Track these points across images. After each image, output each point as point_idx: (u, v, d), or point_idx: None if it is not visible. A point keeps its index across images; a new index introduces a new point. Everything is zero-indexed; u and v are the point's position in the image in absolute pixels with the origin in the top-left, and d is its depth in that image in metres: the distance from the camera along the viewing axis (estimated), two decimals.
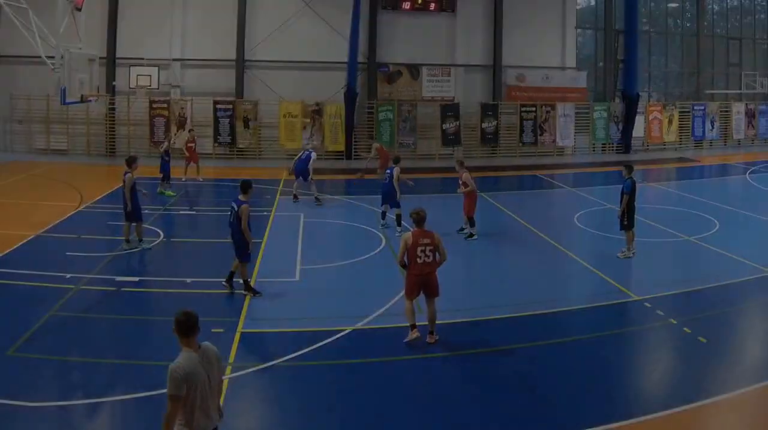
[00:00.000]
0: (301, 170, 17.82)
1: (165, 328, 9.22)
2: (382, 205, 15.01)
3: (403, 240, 8.64)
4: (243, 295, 10.48)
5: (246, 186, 10.54)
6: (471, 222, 14.43)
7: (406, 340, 8.69)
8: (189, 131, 22.55)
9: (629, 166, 12.82)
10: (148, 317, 9.93)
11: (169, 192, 18.85)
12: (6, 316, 9.51)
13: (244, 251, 10.42)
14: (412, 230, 8.89)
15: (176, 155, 20.45)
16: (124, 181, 13.16)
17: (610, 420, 6.79)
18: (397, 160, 15.22)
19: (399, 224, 14.54)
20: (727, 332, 9.26)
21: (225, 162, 25.55)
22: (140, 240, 13.28)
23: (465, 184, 14.16)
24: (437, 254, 8.60)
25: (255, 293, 10.50)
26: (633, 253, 12.71)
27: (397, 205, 14.58)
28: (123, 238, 13.26)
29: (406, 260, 8.69)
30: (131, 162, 13.38)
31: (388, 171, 14.83)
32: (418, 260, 8.50)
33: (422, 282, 8.59)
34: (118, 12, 26.43)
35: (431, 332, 8.76)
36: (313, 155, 17.91)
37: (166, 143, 19.73)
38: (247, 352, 8.49)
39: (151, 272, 12.18)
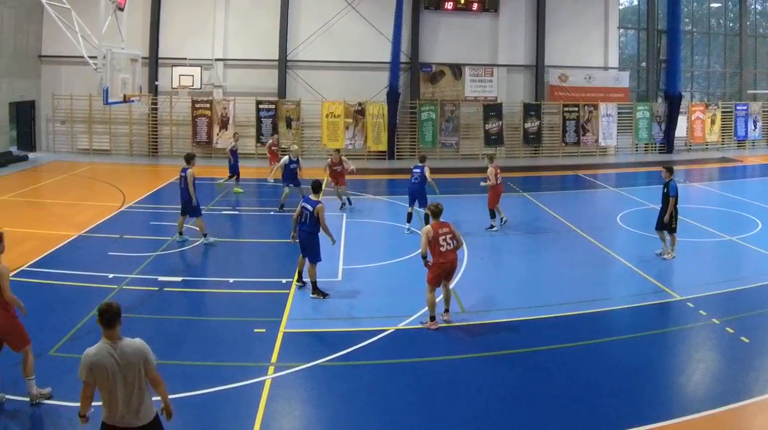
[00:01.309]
0: (290, 177, 16.97)
1: (207, 328, 9.30)
2: (410, 206, 14.83)
3: (424, 234, 9.03)
4: (286, 295, 10.46)
5: (317, 186, 10.73)
6: (491, 214, 15.08)
7: (424, 325, 9.22)
8: (272, 136, 23.55)
9: (670, 168, 12.55)
10: (190, 317, 9.87)
11: (237, 189, 19.12)
12: (49, 316, 9.48)
13: (316, 253, 10.43)
14: (432, 221, 9.30)
15: (220, 155, 20.38)
16: (184, 178, 13.28)
17: (652, 420, 6.77)
18: (423, 159, 15.15)
19: (427, 222, 14.37)
20: None
21: (267, 162, 25.41)
22: (204, 235, 13.39)
23: (488, 178, 14.79)
24: (455, 240, 9.16)
25: (324, 295, 10.43)
26: (674, 256, 12.55)
27: (426, 203, 14.55)
28: (177, 230, 13.53)
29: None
30: (190, 159, 13.51)
31: (417, 170, 14.67)
32: (441, 248, 9.02)
33: (448, 269, 9.13)
34: (161, 12, 26.55)
35: (446, 310, 9.43)
36: (286, 159, 16.85)
37: (233, 142, 19.73)
38: (289, 352, 8.46)
39: (194, 272, 12.09)
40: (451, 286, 9.77)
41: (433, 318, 9.28)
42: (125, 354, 4.90)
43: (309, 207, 10.30)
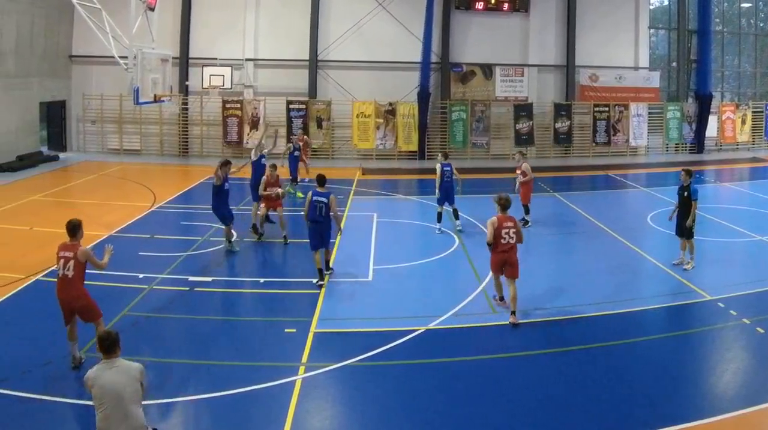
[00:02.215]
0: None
1: (237, 328, 9.23)
2: (441, 205, 14.63)
3: (491, 223, 9.43)
4: (317, 295, 10.50)
5: (323, 179, 11.25)
6: (526, 209, 15.17)
7: (494, 300, 10.11)
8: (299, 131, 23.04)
9: (690, 171, 12.21)
10: (220, 318, 9.83)
11: (300, 194, 18.50)
12: None
13: (330, 238, 11.31)
14: (496, 214, 9.58)
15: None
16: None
17: (683, 420, 6.75)
18: (447, 156, 15.04)
19: (457, 217, 14.74)
20: None
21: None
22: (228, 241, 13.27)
23: (524, 174, 14.80)
24: (517, 235, 9.55)
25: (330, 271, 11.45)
26: (693, 265, 12.07)
27: (454, 201, 14.81)
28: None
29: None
30: (225, 164, 13.37)
31: (448, 168, 14.46)
32: (502, 240, 9.43)
33: (505, 260, 9.50)
34: (192, 12, 26.57)
35: (513, 313, 9.43)
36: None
37: (291, 144, 19.54)
38: (319, 352, 8.45)
39: (224, 272, 12.01)
40: (482, 286, 10.28)
41: (501, 298, 10.04)
42: (122, 375, 5.19)
43: (323, 199, 10.89)
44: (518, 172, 15.17)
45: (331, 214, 10.96)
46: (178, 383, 7.47)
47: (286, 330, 8.43)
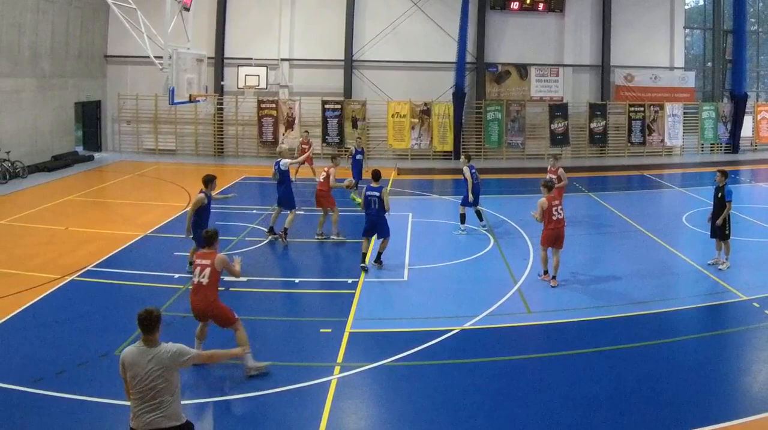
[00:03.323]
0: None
1: (273, 328, 9.17)
2: (466, 206, 14.65)
3: (540, 204, 10.76)
4: (352, 295, 10.47)
5: (378, 174, 11.94)
6: None
7: (540, 277, 11.13)
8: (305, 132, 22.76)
9: (725, 172, 12.06)
10: (255, 317, 9.70)
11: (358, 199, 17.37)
12: (114, 315, 9.44)
13: (387, 229, 11.86)
14: (543, 196, 10.81)
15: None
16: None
17: (717, 420, 6.70)
18: (469, 158, 15.02)
19: (480, 219, 15.01)
20: None
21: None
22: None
23: (560, 179, 14.87)
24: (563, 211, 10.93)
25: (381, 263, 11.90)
26: (728, 265, 11.95)
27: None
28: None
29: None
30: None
31: (474, 170, 14.47)
32: (553, 217, 10.78)
33: (557, 233, 10.82)
34: (227, 12, 26.58)
35: (554, 277, 10.93)
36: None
37: (352, 147, 19.44)
38: (355, 352, 8.41)
39: (260, 272, 11.90)
40: (517, 286, 10.89)
41: (545, 272, 11.12)
42: (162, 360, 4.92)
43: (376, 193, 11.57)
44: (551, 175, 14.96)
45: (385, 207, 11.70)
46: (214, 383, 7.43)
47: (321, 330, 8.37)
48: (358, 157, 18.75)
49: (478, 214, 14.82)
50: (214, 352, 5.11)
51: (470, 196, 14.28)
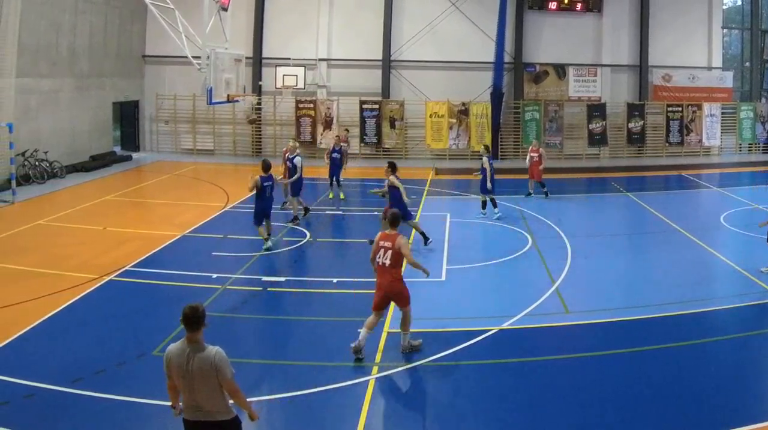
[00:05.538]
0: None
1: (311, 328, 9.15)
2: (485, 194, 15.85)
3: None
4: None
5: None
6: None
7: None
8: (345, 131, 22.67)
9: None
10: (293, 318, 9.76)
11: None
12: (152, 315, 9.46)
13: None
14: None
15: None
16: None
17: (756, 420, 6.67)
18: (489, 150, 16.17)
19: (495, 206, 15.87)
20: None
21: (371, 162, 25.25)
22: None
23: (541, 157, 17.63)
24: None
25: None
26: None
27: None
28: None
29: None
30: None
31: (492, 162, 15.56)
32: None
33: None
34: (265, 12, 26.63)
35: None
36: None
37: (330, 143, 19.48)
38: (392, 352, 8.42)
39: (297, 272, 11.95)
40: (555, 286, 10.83)
41: None
42: (198, 362, 4.88)
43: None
44: (533, 153, 17.58)
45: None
46: (252, 384, 7.36)
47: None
48: (335, 155, 18.07)
49: (493, 202, 15.66)
50: (241, 392, 5.16)
51: (488, 184, 15.37)
